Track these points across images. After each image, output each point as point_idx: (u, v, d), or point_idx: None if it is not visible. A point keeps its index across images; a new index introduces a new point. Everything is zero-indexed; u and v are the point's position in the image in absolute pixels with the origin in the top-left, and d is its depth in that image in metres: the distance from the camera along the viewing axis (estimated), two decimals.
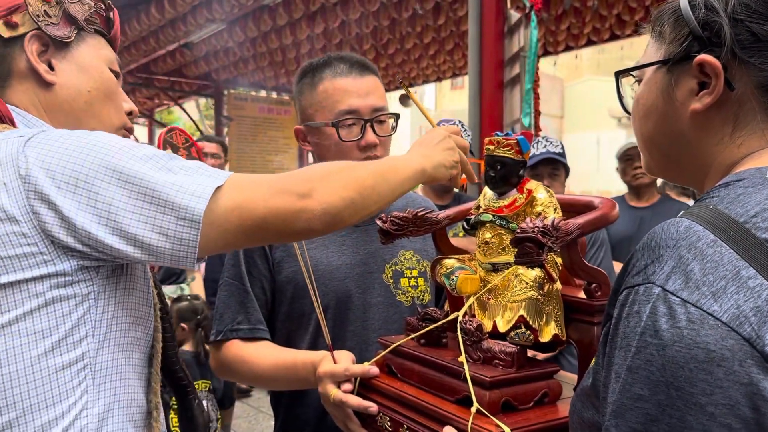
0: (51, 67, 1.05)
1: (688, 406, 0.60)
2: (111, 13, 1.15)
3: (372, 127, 1.47)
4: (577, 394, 0.80)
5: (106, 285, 0.95)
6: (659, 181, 4.29)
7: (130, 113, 1.15)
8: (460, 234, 2.29)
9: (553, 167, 2.62)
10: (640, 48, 0.89)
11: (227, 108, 9.49)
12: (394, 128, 1.55)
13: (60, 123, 1.04)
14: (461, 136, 1.30)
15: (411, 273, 1.56)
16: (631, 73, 0.89)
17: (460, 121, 3.05)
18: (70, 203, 0.89)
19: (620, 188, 3.89)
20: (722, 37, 0.73)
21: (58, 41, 1.05)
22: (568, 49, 7.84)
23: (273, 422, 1.58)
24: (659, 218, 3.43)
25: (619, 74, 0.90)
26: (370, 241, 1.53)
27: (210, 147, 4.21)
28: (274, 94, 10.03)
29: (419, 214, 1.24)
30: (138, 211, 0.90)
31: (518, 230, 0.97)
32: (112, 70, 1.11)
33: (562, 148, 2.67)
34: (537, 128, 3.89)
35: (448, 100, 20.75)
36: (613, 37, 7.15)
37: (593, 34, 7.08)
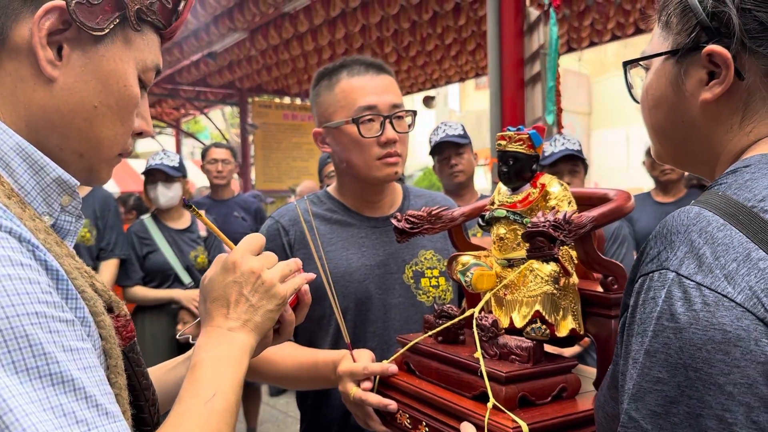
0: (59, 55, 0.74)
1: (707, 386, 0.61)
2: (182, 3, 0.84)
3: (391, 123, 1.49)
4: (601, 388, 0.81)
5: None
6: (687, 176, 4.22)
7: (140, 133, 0.86)
8: (478, 234, 2.29)
9: (573, 164, 2.61)
10: None
11: (252, 116, 9.60)
12: (411, 125, 1.56)
13: (38, 133, 0.76)
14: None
15: (432, 273, 1.56)
16: (640, 63, 0.89)
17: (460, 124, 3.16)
18: None
19: (651, 184, 3.83)
20: (731, 27, 0.73)
21: (85, 30, 0.74)
22: (592, 44, 7.76)
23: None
24: None
25: (627, 64, 0.90)
26: (390, 241, 1.54)
27: (220, 153, 4.27)
28: (297, 101, 10.12)
29: (434, 212, 1.24)
30: None
31: (529, 225, 0.97)
32: (142, 80, 0.83)
33: (580, 145, 2.67)
34: (560, 126, 3.86)
35: (471, 100, 20.66)
36: (638, 32, 7.06)
37: (617, 29, 7.00)
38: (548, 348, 1.12)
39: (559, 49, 6.89)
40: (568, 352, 1.58)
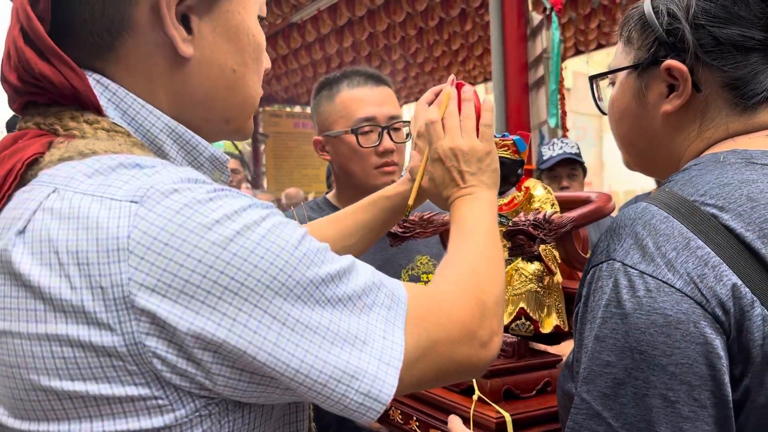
0: (188, 28, 0.68)
1: (651, 367, 0.66)
2: None
3: (389, 134, 1.54)
4: (562, 369, 0.86)
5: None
6: None
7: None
8: None
9: (572, 167, 2.64)
10: None
11: (263, 125, 9.71)
12: (408, 135, 1.62)
13: (183, 113, 0.71)
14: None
15: (427, 277, 1.61)
16: (606, 76, 0.94)
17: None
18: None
19: None
20: (686, 42, 0.77)
21: None
22: (600, 47, 7.76)
23: None
24: None
25: (594, 78, 0.95)
26: (386, 247, 1.58)
27: (229, 163, 4.37)
28: (308, 109, 10.22)
29: (425, 216, 1.29)
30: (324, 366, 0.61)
31: (510, 224, 1.01)
32: (260, 18, 0.77)
33: (578, 148, 2.70)
34: (564, 128, 3.89)
35: None
36: None
37: None
38: (549, 349, 1.15)
39: (567, 52, 6.90)
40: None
